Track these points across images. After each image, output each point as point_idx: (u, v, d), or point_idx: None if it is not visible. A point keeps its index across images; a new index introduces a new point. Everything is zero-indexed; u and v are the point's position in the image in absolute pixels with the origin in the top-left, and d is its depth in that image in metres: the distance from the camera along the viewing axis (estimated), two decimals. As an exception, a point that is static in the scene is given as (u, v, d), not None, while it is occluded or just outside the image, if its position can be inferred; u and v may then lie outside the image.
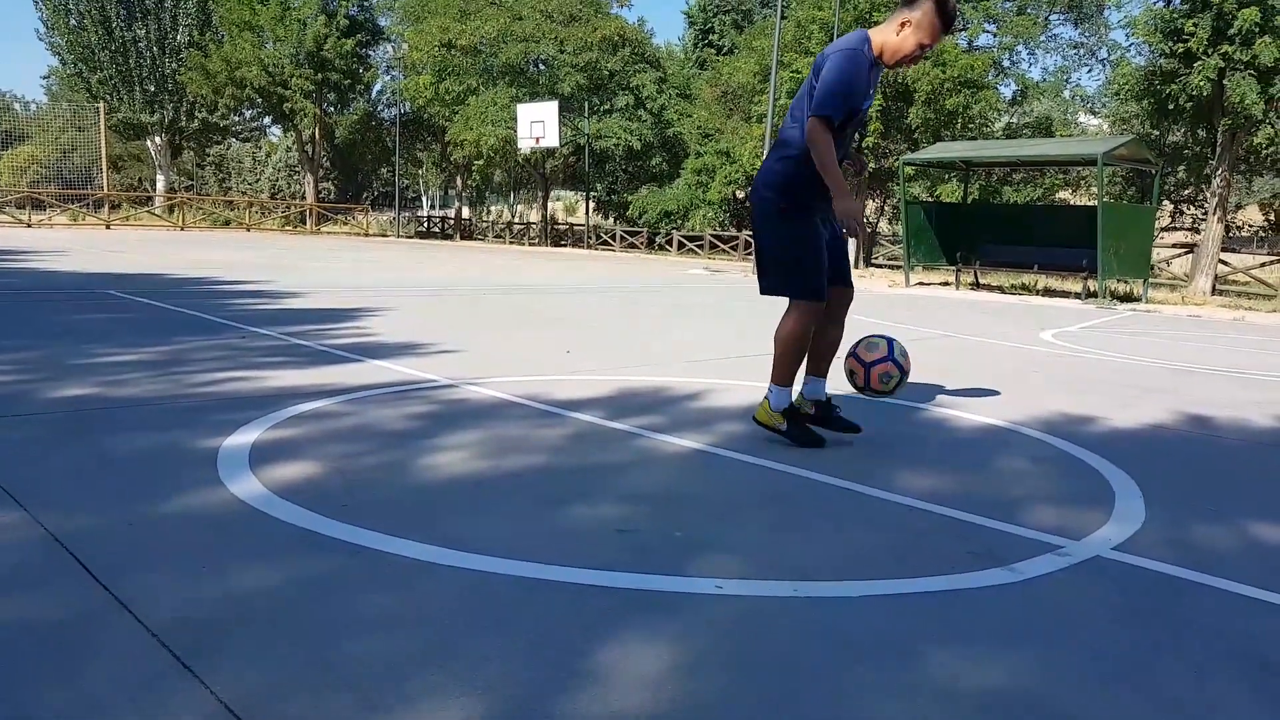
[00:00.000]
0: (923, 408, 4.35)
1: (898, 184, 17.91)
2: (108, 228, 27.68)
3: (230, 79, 31.24)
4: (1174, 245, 21.99)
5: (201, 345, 5.23)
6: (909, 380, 3.74)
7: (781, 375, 3.38)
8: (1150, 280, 15.46)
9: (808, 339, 3.38)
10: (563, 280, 12.70)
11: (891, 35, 3.21)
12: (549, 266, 15.91)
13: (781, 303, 3.43)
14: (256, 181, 45.79)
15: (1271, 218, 30.07)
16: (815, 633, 1.84)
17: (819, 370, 3.52)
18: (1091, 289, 14.12)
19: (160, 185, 36.11)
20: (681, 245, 26.84)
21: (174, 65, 33.97)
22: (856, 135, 3.46)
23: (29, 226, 26.00)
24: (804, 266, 3.31)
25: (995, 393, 4.83)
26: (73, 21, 33.48)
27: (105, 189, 31.09)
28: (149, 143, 36.10)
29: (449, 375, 4.52)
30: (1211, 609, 2.08)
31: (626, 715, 1.49)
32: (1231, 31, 15.33)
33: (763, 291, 3.43)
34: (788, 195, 3.29)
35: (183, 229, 29.09)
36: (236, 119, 37.55)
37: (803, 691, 1.61)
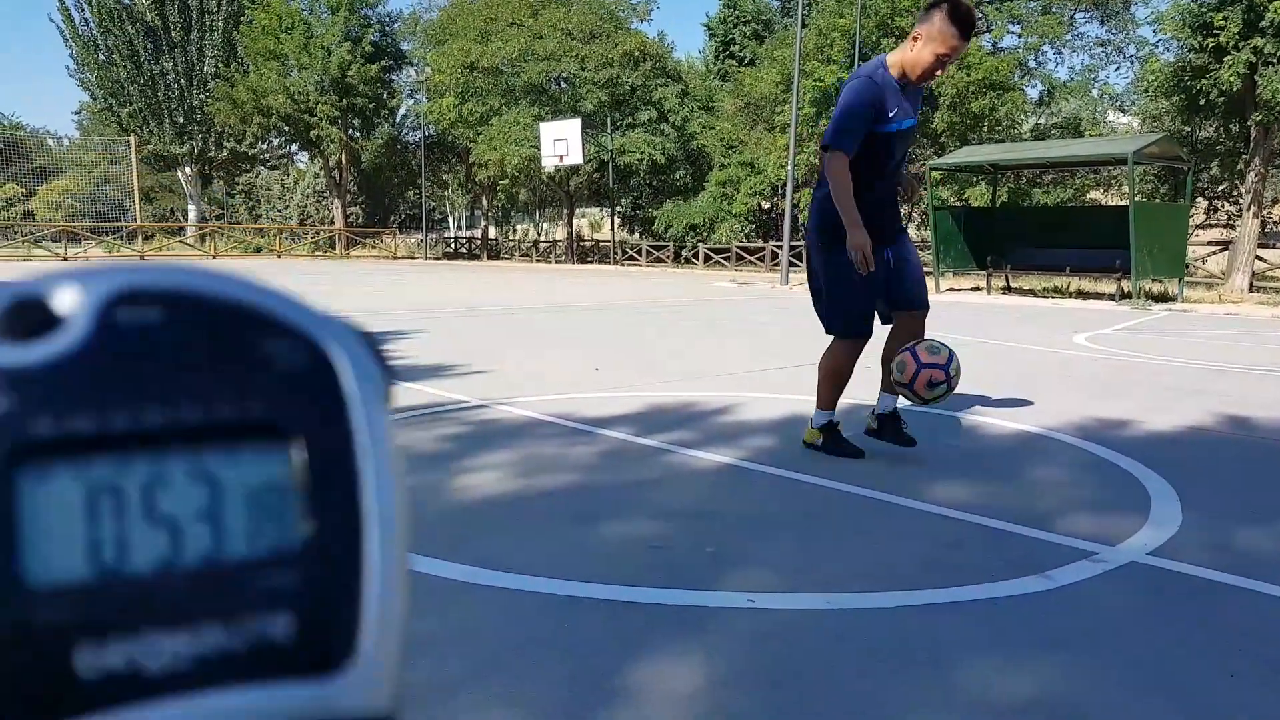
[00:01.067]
0: (955, 415, 4.33)
1: (925, 189, 17.81)
2: (141, 259, 28.11)
3: (257, 108, 31.71)
4: (1209, 243, 21.60)
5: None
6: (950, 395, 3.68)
7: (823, 400, 3.47)
8: (1185, 279, 15.19)
9: (846, 372, 3.44)
10: (590, 297, 12.77)
11: (907, 53, 3.22)
12: (576, 284, 16.02)
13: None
14: (286, 208, 46.57)
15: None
16: (848, 645, 1.85)
17: (891, 387, 3.52)
18: (1125, 290, 13.92)
19: (192, 215, 36.80)
20: (708, 259, 26.79)
21: (202, 96, 34.59)
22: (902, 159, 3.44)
23: (64, 260, 26.63)
24: (843, 303, 3.36)
25: (1028, 398, 4.79)
26: (102, 57, 34.29)
27: (138, 220, 31.80)
28: (179, 173, 36.76)
29: (480, 396, 4.58)
30: (1251, 614, 2.06)
31: (663, 729, 1.51)
32: (1263, 24, 15.09)
33: (826, 330, 3.49)
34: (825, 232, 3.33)
35: (215, 258, 29.66)
36: (264, 147, 38.09)
37: (836, 704, 1.62)
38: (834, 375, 3.43)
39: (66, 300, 0.21)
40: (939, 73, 3.22)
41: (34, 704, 0.19)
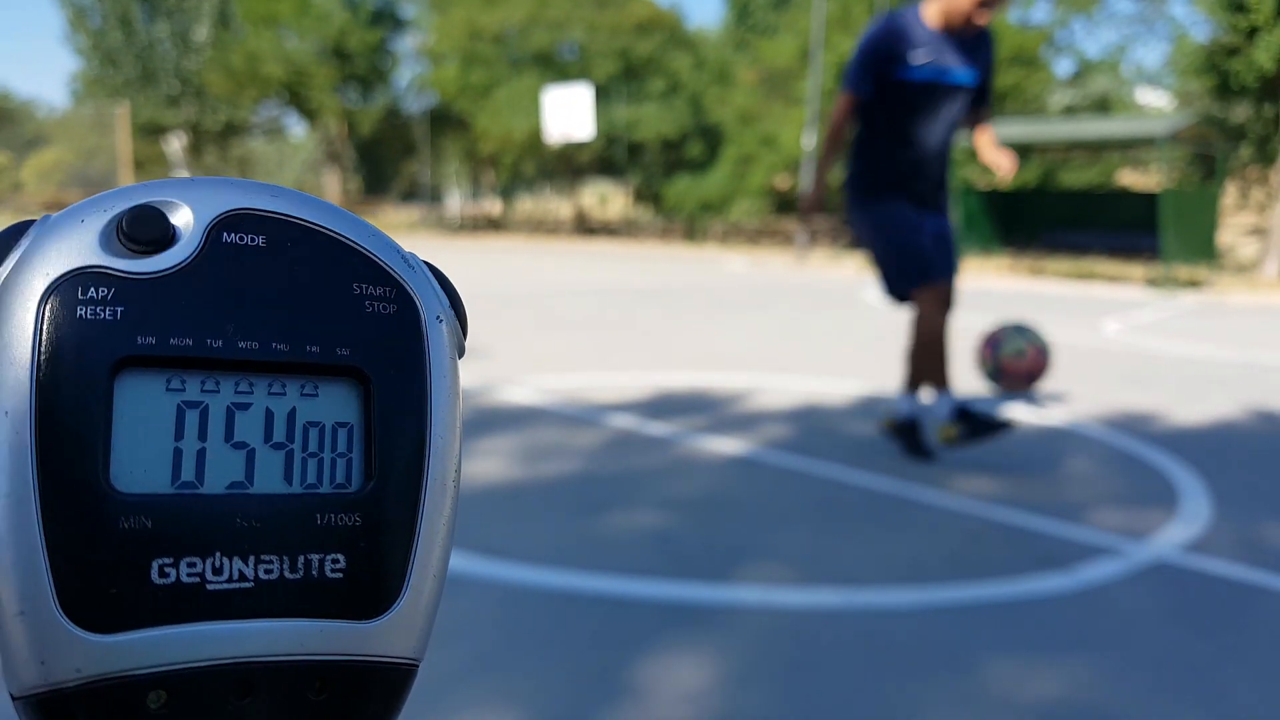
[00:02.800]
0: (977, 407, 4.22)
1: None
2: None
3: (252, 76, 31.30)
4: (1242, 228, 21.18)
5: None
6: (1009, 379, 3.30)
7: (935, 378, 3.03)
8: (1217, 266, 14.91)
9: (943, 329, 2.98)
10: (596, 277, 12.65)
11: None
12: (582, 263, 15.90)
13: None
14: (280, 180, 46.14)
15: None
16: (866, 643, 1.79)
17: (909, 385, 3.16)
18: (1155, 276, 13.66)
19: (184, 186, 36.39)
20: (721, 238, 26.50)
21: (197, 63, 34.21)
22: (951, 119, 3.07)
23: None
24: (905, 248, 3.02)
25: (1054, 389, 4.67)
26: (95, 23, 34.17)
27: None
28: (171, 141, 36.28)
29: (483, 380, 4.52)
30: (1286, 617, 1.98)
31: (667, 732, 1.46)
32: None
33: (889, 296, 3.14)
34: (855, 184, 3.10)
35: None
36: (256, 118, 37.66)
37: (854, 705, 1.56)
38: (933, 343, 2.96)
39: (181, 217, 0.22)
40: (981, 20, 2.92)
41: (114, 606, 0.20)
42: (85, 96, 38.13)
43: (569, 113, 25.91)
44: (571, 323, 7.20)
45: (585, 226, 31.67)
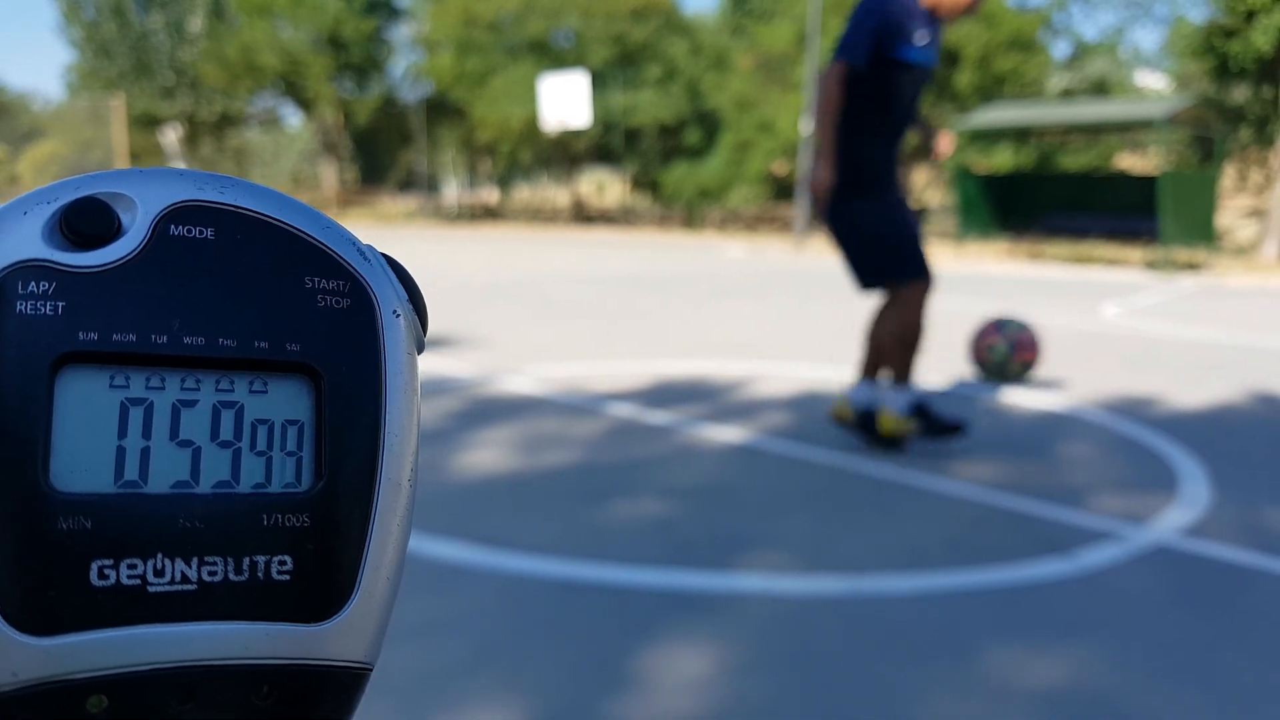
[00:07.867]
0: (977, 393, 4.23)
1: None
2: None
3: (248, 66, 31.15)
4: (1240, 210, 21.15)
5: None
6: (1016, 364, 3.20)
7: (900, 372, 2.98)
8: (1216, 248, 14.88)
9: (921, 326, 2.95)
10: (595, 266, 12.61)
11: None
12: (580, 251, 15.86)
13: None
14: (275, 170, 45.78)
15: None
16: (868, 630, 1.79)
17: (868, 371, 3.10)
18: (1154, 259, 13.64)
19: (178, 178, 36.19)
20: (719, 225, 26.42)
21: (191, 54, 34.03)
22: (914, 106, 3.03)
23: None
24: (903, 243, 2.96)
25: (1054, 374, 4.67)
26: (89, 15, 33.99)
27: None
28: (167, 133, 36.14)
29: (483, 370, 4.52)
30: (1286, 599, 1.98)
31: (673, 719, 1.46)
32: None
33: (863, 286, 3.06)
34: (848, 173, 2.96)
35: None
36: (251, 108, 37.43)
37: (856, 692, 1.56)
38: (911, 335, 2.92)
39: (127, 209, 0.22)
40: (972, 13, 2.91)
41: (52, 608, 0.20)
42: (80, 89, 37.83)
43: (565, 100, 25.76)
44: (570, 312, 7.19)
45: (583, 214, 31.53)
